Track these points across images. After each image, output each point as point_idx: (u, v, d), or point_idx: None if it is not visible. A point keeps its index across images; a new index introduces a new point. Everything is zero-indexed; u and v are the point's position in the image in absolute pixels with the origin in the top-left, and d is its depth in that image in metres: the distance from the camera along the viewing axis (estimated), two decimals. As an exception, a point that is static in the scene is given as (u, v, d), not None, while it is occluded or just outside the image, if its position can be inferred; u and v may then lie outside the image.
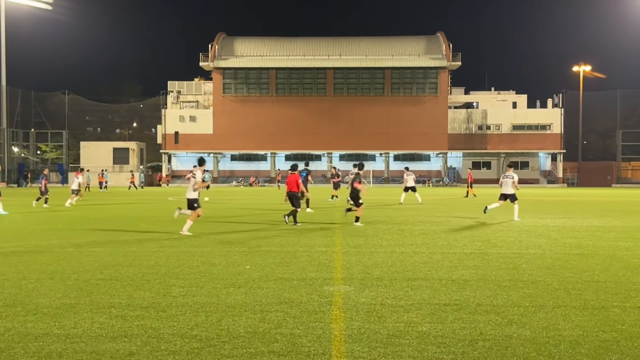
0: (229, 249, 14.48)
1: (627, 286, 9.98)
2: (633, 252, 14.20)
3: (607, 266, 12.05)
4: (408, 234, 17.96)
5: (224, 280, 10.46)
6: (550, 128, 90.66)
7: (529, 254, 13.75)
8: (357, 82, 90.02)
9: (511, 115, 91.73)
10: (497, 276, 10.90)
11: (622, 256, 13.47)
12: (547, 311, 8.27)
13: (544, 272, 11.31)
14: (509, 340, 6.92)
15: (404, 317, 7.93)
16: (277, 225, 21.08)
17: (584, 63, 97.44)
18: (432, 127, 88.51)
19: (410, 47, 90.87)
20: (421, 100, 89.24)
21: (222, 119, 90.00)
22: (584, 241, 16.37)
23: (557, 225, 21.22)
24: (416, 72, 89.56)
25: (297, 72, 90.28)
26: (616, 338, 6.99)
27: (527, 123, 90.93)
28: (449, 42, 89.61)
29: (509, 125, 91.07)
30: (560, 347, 6.65)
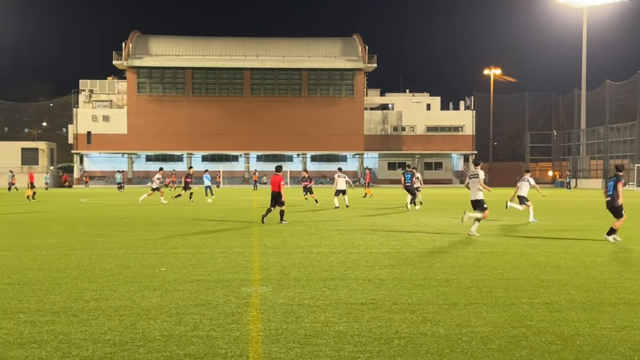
0: (143, 251, 14.22)
1: (535, 283, 10.32)
2: (540, 250, 14.70)
3: (516, 264, 12.43)
4: (325, 235, 18.06)
5: (138, 283, 10.27)
6: (462, 130, 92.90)
7: (442, 253, 14.05)
8: (274, 82, 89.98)
9: (425, 117, 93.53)
10: (412, 275, 11.08)
11: (530, 254, 13.92)
12: (460, 308, 8.46)
13: (457, 270, 11.57)
14: (424, 338, 7.04)
15: (321, 317, 7.97)
16: (194, 226, 20.86)
17: (494, 67, 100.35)
18: (349, 128, 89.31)
19: (326, 48, 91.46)
20: (338, 101, 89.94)
21: (136, 119, 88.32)
22: (494, 239, 16.85)
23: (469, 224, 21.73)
24: (333, 74, 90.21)
25: (214, 72, 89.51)
26: (525, 333, 7.22)
27: (440, 125, 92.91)
28: (364, 45, 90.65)
29: (423, 126, 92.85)
30: (473, 344, 6.82)
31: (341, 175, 33.66)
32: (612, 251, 14.44)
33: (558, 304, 8.70)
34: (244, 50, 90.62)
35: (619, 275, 11.01)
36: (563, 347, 6.69)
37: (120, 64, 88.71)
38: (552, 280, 10.60)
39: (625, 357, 6.35)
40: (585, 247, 15.26)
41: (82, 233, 18.56)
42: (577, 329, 7.37)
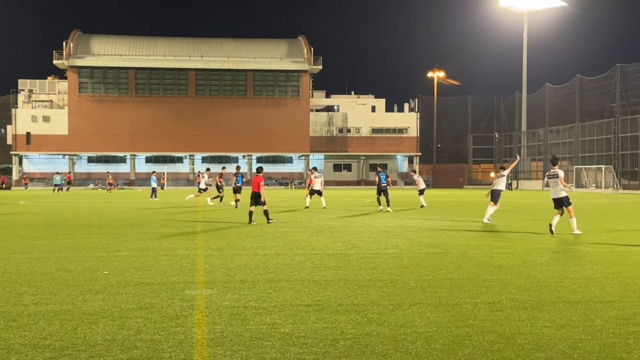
0: (85, 254, 13.96)
1: (478, 283, 10.48)
2: (483, 250, 14.93)
3: (459, 264, 12.60)
4: (271, 236, 18.02)
5: (80, 286, 10.08)
6: (407, 131, 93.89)
7: (387, 254, 14.16)
8: (219, 83, 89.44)
9: (370, 118, 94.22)
10: (357, 276, 11.14)
11: (473, 254, 14.13)
12: (405, 309, 8.53)
13: (401, 271, 11.67)
14: (369, 339, 7.08)
15: (267, 319, 7.94)
16: (138, 228, 20.58)
17: (438, 69, 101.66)
18: (294, 129, 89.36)
19: (272, 50, 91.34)
20: (283, 102, 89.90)
21: (77, 120, 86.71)
22: (438, 240, 17.05)
23: (414, 225, 21.98)
24: (278, 75, 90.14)
25: (158, 73, 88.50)
26: (468, 333, 7.31)
27: (385, 126, 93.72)
28: (310, 46, 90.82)
29: (368, 128, 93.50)
30: (417, 344, 6.88)
31: (317, 175, 33.15)
32: (552, 251, 14.76)
33: (500, 304, 8.85)
34: (189, 50, 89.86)
35: (559, 275, 11.25)
36: (505, 345, 6.80)
37: (60, 63, 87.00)
38: (494, 280, 10.77)
39: (565, 355, 6.49)
40: (526, 247, 15.56)
41: (22, 236, 18.12)
42: (518, 328, 7.50)
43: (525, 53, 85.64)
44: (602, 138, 72.66)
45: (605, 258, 13.46)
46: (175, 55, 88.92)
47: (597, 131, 73.75)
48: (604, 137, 72.21)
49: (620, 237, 17.89)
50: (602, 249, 15.03)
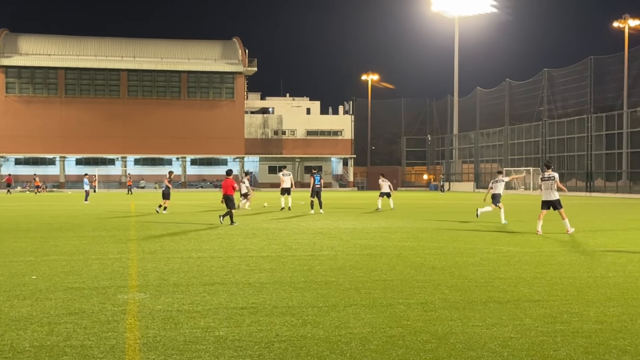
0: (12, 259, 13.57)
1: (411, 284, 10.61)
2: (416, 251, 15.14)
3: (393, 265, 12.74)
4: (205, 239, 17.87)
5: (6, 292, 9.79)
6: (341, 134, 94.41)
7: (322, 256, 14.21)
8: (152, 85, 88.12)
9: (305, 121, 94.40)
10: (292, 278, 11.14)
11: (407, 255, 14.31)
12: (339, 310, 8.58)
13: (336, 273, 11.73)
14: (304, 341, 7.09)
15: (201, 322, 7.87)
16: (68, 232, 20.11)
17: (372, 73, 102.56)
18: (229, 131, 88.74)
19: (206, 51, 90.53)
20: (218, 104, 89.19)
21: (4, 121, 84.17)
22: (372, 242, 17.20)
23: (349, 227, 22.11)
24: (212, 77, 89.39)
25: (88, 73, 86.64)
26: (402, 333, 7.40)
27: (320, 129, 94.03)
28: (245, 48, 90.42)
29: (303, 130, 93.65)
30: (351, 345, 6.93)
31: (286, 173, 32.81)
32: (483, 252, 15.06)
33: (433, 304, 8.98)
34: (120, 51, 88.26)
35: (489, 275, 11.49)
36: (437, 345, 6.91)
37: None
38: (427, 280, 10.93)
39: (495, 353, 6.63)
40: (458, 248, 15.84)
41: (-55, 241, 17.49)
42: (450, 328, 7.63)
43: (457, 57, 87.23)
44: (530, 141, 74.50)
45: (533, 258, 13.81)
46: (106, 55, 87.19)
47: (525, 134, 75.60)
48: (532, 140, 74.06)
49: (547, 238, 18.38)
50: (530, 250, 15.42)
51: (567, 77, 69.68)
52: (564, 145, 68.03)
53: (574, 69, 68.29)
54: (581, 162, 64.71)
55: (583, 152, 64.46)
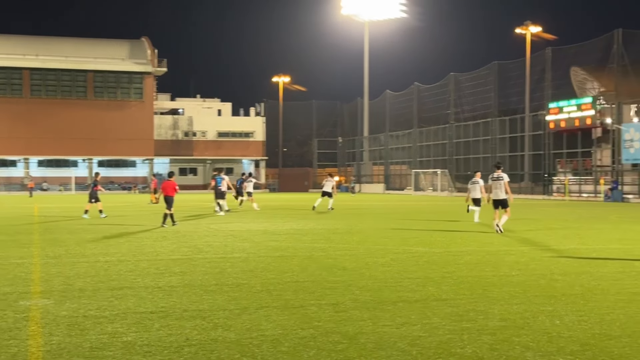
0: None
1: (323, 285, 10.67)
2: (328, 253, 15.24)
3: (305, 267, 12.78)
4: (113, 243, 17.46)
5: None
6: (253, 135, 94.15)
7: (234, 258, 14.12)
8: (57, 84, 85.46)
9: (217, 122, 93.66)
10: (203, 281, 11.02)
11: (318, 257, 14.39)
12: (251, 313, 8.54)
13: (248, 275, 11.67)
14: (215, 344, 7.02)
15: (108, 327, 7.68)
16: (-34, 237, 19.26)
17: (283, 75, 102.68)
18: (138, 132, 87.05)
19: (114, 50, 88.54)
20: (126, 105, 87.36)
21: None
22: (284, 244, 17.21)
23: (261, 229, 22.06)
24: (120, 77, 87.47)
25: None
26: (313, 334, 7.43)
27: (231, 130, 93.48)
28: (154, 48, 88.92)
29: (214, 132, 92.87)
30: (263, 347, 6.91)
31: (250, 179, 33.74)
32: (392, 252, 15.30)
33: (344, 304, 9.06)
34: (23, 49, 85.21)
35: (399, 275, 11.68)
36: (348, 345, 6.96)
37: None
38: (338, 281, 11.02)
39: (405, 352, 6.74)
40: (368, 249, 16.04)
41: None
42: (361, 328, 7.71)
43: (367, 61, 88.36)
44: (438, 143, 76.26)
45: (441, 258, 14.13)
46: (7, 53, 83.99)
47: (433, 137, 77.33)
48: (440, 142, 75.83)
49: (455, 238, 18.85)
50: (438, 250, 15.77)
51: (473, 81, 71.71)
52: (470, 147, 69.95)
53: (479, 74, 70.34)
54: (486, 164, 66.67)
55: (488, 154, 66.46)
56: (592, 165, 55.46)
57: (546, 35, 67.28)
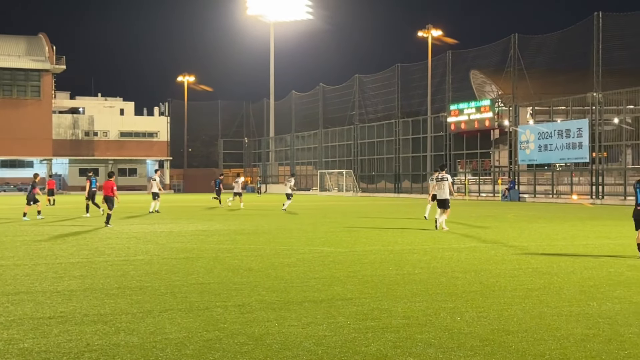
0: None
1: (229, 286, 10.60)
2: (234, 254, 15.15)
3: (210, 268, 12.66)
4: (9, 246, 16.79)
5: None
6: (157, 135, 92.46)
7: (137, 260, 13.84)
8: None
9: (119, 122, 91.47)
10: (104, 284, 10.75)
11: (224, 258, 14.29)
12: (155, 316, 8.39)
13: (151, 278, 11.46)
14: (117, 349, 6.86)
15: (4, 334, 7.38)
16: None
17: (189, 74, 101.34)
18: (35, 132, 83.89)
19: (8, 47, 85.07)
20: (22, 103, 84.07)
21: None
22: (189, 245, 17.00)
23: (165, 230, 21.71)
24: (16, 74, 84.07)
25: None
26: (218, 336, 7.37)
27: (135, 130, 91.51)
28: (52, 45, 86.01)
29: (117, 132, 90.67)
30: (167, 351, 6.80)
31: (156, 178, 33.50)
32: (299, 252, 15.35)
33: (250, 305, 9.02)
34: None
35: (305, 275, 11.74)
36: (254, 347, 6.94)
37: None
38: (244, 282, 10.97)
39: (310, 351, 6.78)
40: (275, 249, 16.04)
41: None
42: (267, 329, 7.70)
43: (273, 61, 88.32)
44: (343, 144, 77.03)
45: (346, 258, 14.28)
46: None
47: (338, 137, 78.06)
48: (345, 143, 76.61)
49: (360, 238, 19.09)
50: (343, 250, 15.94)
51: (377, 83, 72.81)
52: (374, 148, 71.01)
53: (383, 75, 71.47)
54: (390, 164, 67.88)
55: (391, 155, 67.63)
56: (491, 166, 57.29)
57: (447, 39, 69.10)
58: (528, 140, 50.61)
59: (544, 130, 49.25)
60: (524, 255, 14.71)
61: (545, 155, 49.14)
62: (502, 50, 55.83)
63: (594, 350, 6.76)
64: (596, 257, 14.37)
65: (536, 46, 54.01)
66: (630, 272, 11.96)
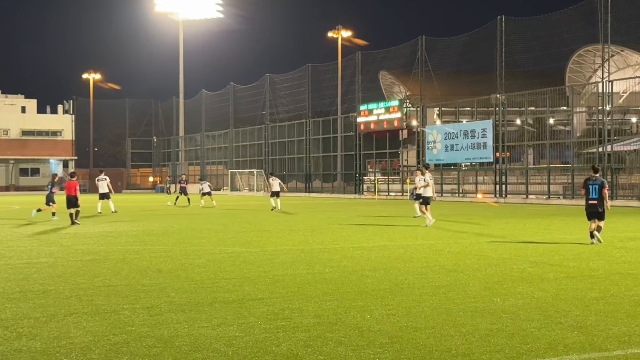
0: None
1: (137, 288, 10.40)
2: (142, 255, 14.87)
3: (118, 270, 12.38)
4: None
5: None
6: (61, 134, 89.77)
7: (40, 263, 13.39)
8: None
9: (21, 120, 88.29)
10: (5, 288, 10.36)
11: (132, 259, 14.00)
12: (59, 320, 8.14)
13: (55, 281, 11.12)
14: (19, 354, 6.62)
15: None
16: None
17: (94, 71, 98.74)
18: None
19: None
20: None
21: None
22: (96, 247, 16.58)
23: (70, 232, 21.09)
24: None
25: None
26: (126, 339, 7.21)
27: (37, 129, 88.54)
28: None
29: (18, 130, 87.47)
30: (72, 355, 6.61)
31: (102, 178, 32.12)
32: (209, 252, 15.21)
33: (159, 307, 8.88)
34: None
35: (215, 276, 11.63)
36: (163, 349, 6.83)
37: None
38: (153, 284, 10.78)
39: (221, 353, 6.72)
40: (184, 250, 15.84)
41: None
42: (176, 330, 7.59)
43: (182, 59, 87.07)
44: (254, 143, 76.74)
45: (257, 258, 14.24)
46: None
47: (249, 137, 77.71)
48: (255, 143, 76.34)
49: (271, 238, 19.07)
50: (254, 249, 15.88)
51: (288, 82, 72.89)
52: (285, 147, 71.09)
53: (294, 75, 71.61)
54: (300, 164, 68.08)
55: (302, 154, 67.87)
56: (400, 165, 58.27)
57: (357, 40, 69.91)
58: (435, 141, 51.73)
59: (450, 130, 50.45)
60: (431, 253, 15.04)
61: (451, 155, 50.35)
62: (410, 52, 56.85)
63: (498, 344, 6.97)
64: (500, 254, 14.84)
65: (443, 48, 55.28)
66: (532, 269, 12.41)
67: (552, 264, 13.00)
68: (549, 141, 45.44)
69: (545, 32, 47.72)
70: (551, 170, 44.29)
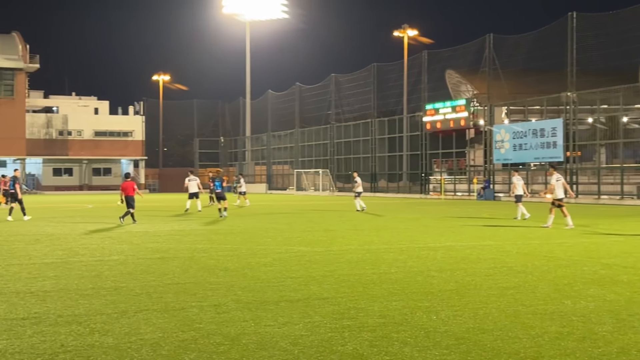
0: None
1: (204, 286, 10.56)
2: (209, 253, 15.09)
3: (186, 268, 12.60)
4: (-19, 247, 16.58)
5: None
6: (132, 135, 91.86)
7: (111, 261, 13.73)
8: None
9: (93, 121, 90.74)
10: (79, 285, 10.66)
11: (200, 258, 14.22)
12: (130, 316, 8.33)
13: (126, 278, 11.38)
14: (91, 350, 6.80)
15: (-24, 337, 7.29)
16: None
17: (164, 73, 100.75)
18: (9, 131, 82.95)
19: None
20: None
21: None
22: (165, 245, 16.90)
23: (140, 231, 21.56)
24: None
25: None
26: (194, 336, 7.33)
27: (109, 129, 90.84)
28: (26, 43, 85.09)
29: (91, 131, 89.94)
30: (142, 351, 6.75)
31: (193, 178, 33.41)
32: (275, 252, 15.33)
33: (226, 305, 8.99)
34: None
35: (281, 274, 11.72)
36: (230, 347, 6.92)
37: None
38: (220, 282, 10.93)
39: (287, 351, 6.77)
40: (251, 249, 16.00)
41: None
42: (243, 329, 7.68)
43: (249, 60, 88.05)
44: (319, 143, 77.01)
45: (323, 257, 14.28)
46: None
47: (315, 137, 78.02)
48: (321, 143, 76.61)
49: (336, 237, 19.10)
50: (320, 249, 15.93)
51: (353, 82, 72.84)
52: (351, 147, 71.08)
53: (359, 75, 71.51)
54: (366, 163, 67.95)
55: (368, 154, 67.76)
56: (466, 165, 57.59)
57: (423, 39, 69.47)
58: (503, 140, 50.95)
59: (518, 129, 49.60)
60: (499, 254, 14.81)
61: (520, 154, 49.50)
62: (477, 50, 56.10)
63: (568, 348, 6.83)
64: (570, 255, 14.51)
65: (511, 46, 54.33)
66: (604, 271, 12.10)
67: (625, 266, 12.65)
68: (622, 140, 44.21)
69: (617, 29, 46.34)
70: (624, 169, 43.10)
